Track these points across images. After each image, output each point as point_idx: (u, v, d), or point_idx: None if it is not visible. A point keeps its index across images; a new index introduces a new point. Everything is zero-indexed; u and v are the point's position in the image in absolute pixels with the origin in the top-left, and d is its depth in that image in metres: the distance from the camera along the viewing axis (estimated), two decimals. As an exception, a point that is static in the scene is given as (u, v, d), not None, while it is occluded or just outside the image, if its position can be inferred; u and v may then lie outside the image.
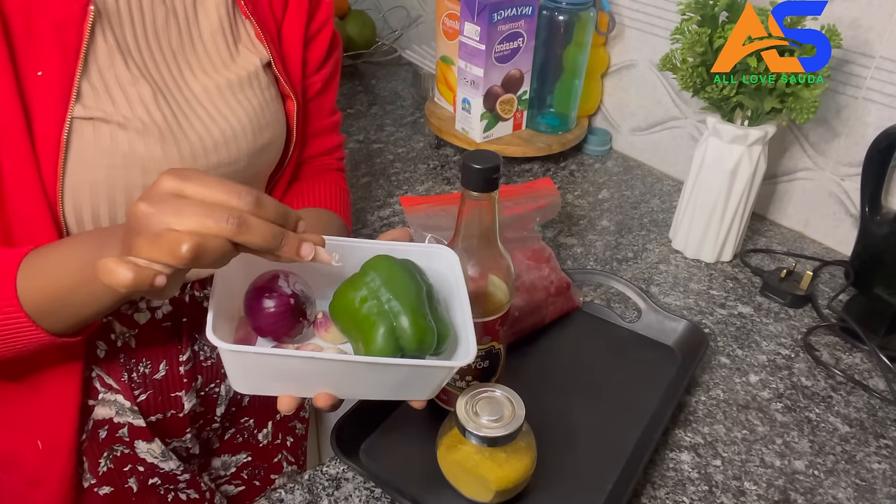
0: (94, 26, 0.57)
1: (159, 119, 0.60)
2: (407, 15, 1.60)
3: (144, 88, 0.60)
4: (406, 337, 0.50)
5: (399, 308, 0.51)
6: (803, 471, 0.66)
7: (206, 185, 0.44)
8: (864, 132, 0.89)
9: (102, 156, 0.58)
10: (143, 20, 0.61)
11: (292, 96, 0.72)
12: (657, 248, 0.97)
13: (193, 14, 0.65)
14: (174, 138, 0.61)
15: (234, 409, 0.80)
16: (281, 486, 0.62)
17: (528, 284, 0.76)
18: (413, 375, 0.52)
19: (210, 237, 0.42)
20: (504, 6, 1.00)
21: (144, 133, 0.59)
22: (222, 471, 0.83)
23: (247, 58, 0.68)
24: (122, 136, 0.58)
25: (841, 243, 0.97)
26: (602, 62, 1.17)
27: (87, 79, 0.57)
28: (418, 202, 0.80)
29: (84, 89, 0.57)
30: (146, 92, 0.60)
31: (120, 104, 0.58)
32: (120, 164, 0.59)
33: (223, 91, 0.65)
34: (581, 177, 1.15)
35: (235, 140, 0.66)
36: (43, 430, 0.66)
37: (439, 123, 1.18)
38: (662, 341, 0.79)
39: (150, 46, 0.62)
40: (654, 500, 0.62)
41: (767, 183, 1.02)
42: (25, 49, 0.54)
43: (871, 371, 0.77)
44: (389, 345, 0.50)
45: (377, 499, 0.61)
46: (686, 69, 0.81)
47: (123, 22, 0.60)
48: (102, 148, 0.58)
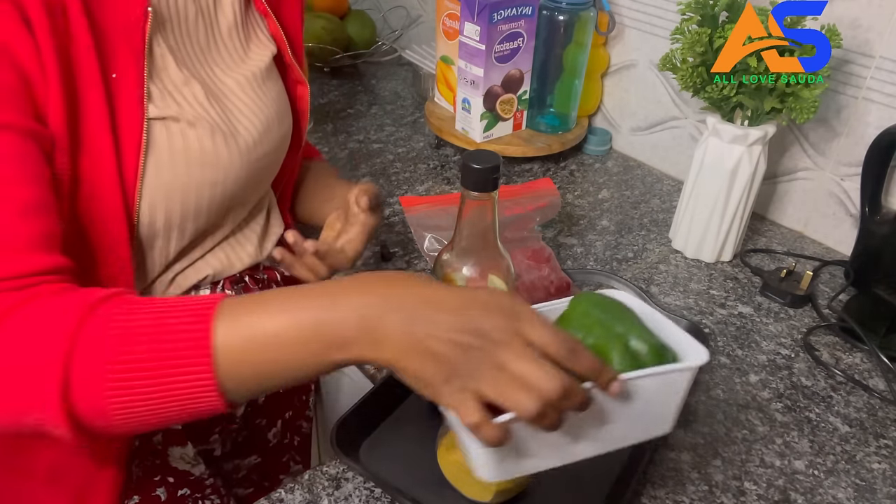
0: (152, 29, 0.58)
1: (215, 116, 0.62)
2: (407, 15, 1.60)
3: (196, 87, 0.62)
4: (643, 354, 0.49)
5: (624, 330, 0.50)
6: (803, 471, 0.66)
7: (548, 336, 0.44)
8: (864, 132, 0.89)
9: (177, 155, 0.59)
10: (181, 20, 0.62)
11: (305, 81, 0.75)
12: (657, 248, 0.97)
13: (214, 11, 0.66)
14: (231, 134, 0.64)
15: (250, 409, 0.80)
16: (281, 486, 0.62)
17: (528, 284, 0.76)
18: (662, 389, 0.49)
19: (550, 408, 0.43)
20: (504, 6, 1.00)
21: (210, 131, 0.61)
22: (234, 474, 0.83)
23: (258, 51, 0.70)
24: (191, 135, 0.60)
25: (841, 243, 0.97)
26: (602, 62, 1.17)
27: (151, 80, 0.58)
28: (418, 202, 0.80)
29: (152, 90, 0.58)
30: (199, 90, 0.62)
31: (181, 103, 0.60)
32: (192, 162, 0.60)
33: (252, 84, 0.68)
34: (581, 177, 1.15)
35: (270, 131, 0.69)
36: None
37: (439, 123, 1.18)
38: (662, 341, 0.79)
39: (188, 45, 0.63)
40: (654, 500, 0.62)
41: (767, 183, 1.02)
42: (100, 52, 0.55)
43: (871, 371, 0.77)
44: (629, 364, 0.49)
45: (377, 499, 0.61)
46: (686, 69, 0.81)
47: (171, 22, 0.61)
48: (177, 147, 0.59)
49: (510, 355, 0.43)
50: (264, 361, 0.44)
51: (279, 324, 0.44)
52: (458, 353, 0.43)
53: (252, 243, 0.75)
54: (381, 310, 0.44)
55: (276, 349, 0.44)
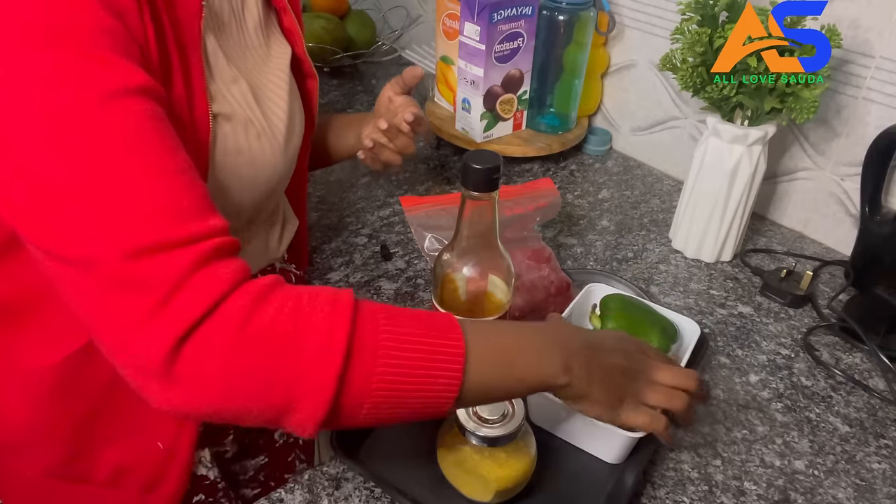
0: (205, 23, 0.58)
1: (259, 114, 0.63)
2: (407, 15, 1.60)
3: (244, 86, 0.62)
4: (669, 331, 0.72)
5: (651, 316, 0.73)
6: (803, 471, 0.66)
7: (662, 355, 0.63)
8: (864, 132, 0.89)
9: (235, 153, 0.59)
10: (222, 18, 0.62)
11: (315, 75, 0.76)
12: (657, 248, 0.97)
13: (242, 10, 0.66)
14: (272, 133, 0.64)
15: None
16: (281, 486, 0.62)
17: (528, 284, 0.76)
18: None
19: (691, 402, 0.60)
20: (504, 6, 1.00)
21: (256, 133, 0.62)
22: (241, 475, 0.83)
23: (279, 49, 0.70)
24: (242, 133, 0.60)
25: (841, 243, 0.97)
26: (602, 62, 1.17)
27: (212, 79, 0.58)
28: (418, 202, 0.80)
29: (210, 86, 0.57)
30: (246, 89, 0.62)
31: (232, 101, 0.60)
32: (246, 160, 0.60)
33: (280, 82, 0.68)
34: (581, 177, 1.15)
35: (295, 127, 0.70)
36: (162, 431, 0.64)
37: (439, 123, 1.18)
38: (662, 341, 0.79)
39: (229, 43, 0.63)
40: (654, 500, 0.62)
41: (767, 183, 1.02)
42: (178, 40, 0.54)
43: (871, 371, 0.77)
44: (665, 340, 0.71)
45: (377, 499, 0.61)
46: (686, 69, 0.81)
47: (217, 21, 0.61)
48: (234, 144, 0.59)
49: (656, 372, 0.59)
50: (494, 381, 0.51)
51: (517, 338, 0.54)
52: (626, 379, 0.57)
53: (269, 243, 0.75)
54: (572, 359, 0.54)
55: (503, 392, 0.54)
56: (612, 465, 0.64)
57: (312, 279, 0.87)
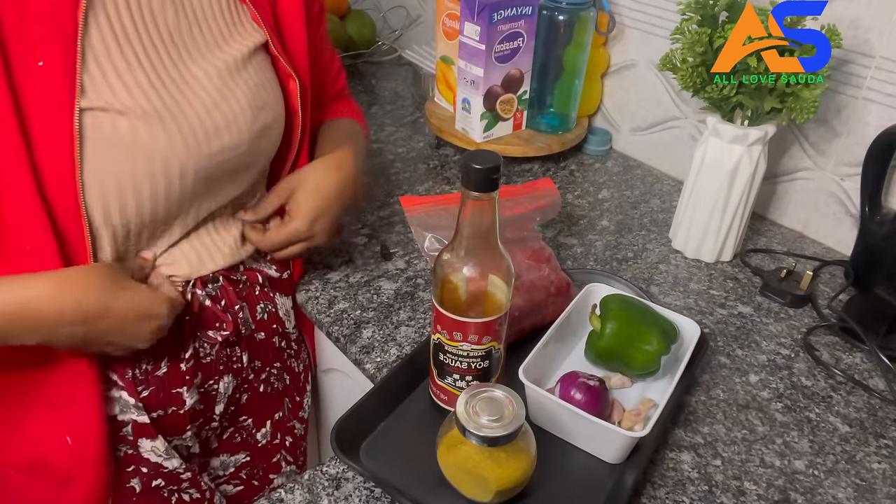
0: (88, 13, 0.57)
1: (159, 105, 0.60)
2: (407, 15, 1.60)
3: (140, 75, 0.60)
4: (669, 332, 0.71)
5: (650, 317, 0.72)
6: (803, 471, 0.66)
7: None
8: (864, 132, 0.89)
9: (111, 146, 0.58)
10: (140, 4, 0.61)
11: (294, 76, 0.72)
12: (657, 248, 0.97)
13: None
14: (176, 124, 0.61)
15: (232, 407, 0.80)
16: (281, 486, 0.62)
17: (528, 284, 0.76)
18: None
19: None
20: (504, 6, 1.00)
21: (146, 120, 0.59)
22: (221, 471, 0.83)
23: (243, 39, 0.68)
24: (123, 125, 0.58)
25: (841, 243, 0.97)
26: (602, 62, 1.17)
27: (86, 68, 0.57)
28: (418, 202, 0.79)
29: (84, 79, 0.57)
30: (142, 78, 0.60)
31: (119, 92, 0.58)
32: (128, 154, 0.59)
33: (222, 73, 0.65)
34: (581, 177, 1.15)
35: (236, 123, 0.66)
36: (70, 426, 0.65)
37: (439, 123, 1.18)
38: (662, 341, 0.79)
39: (148, 30, 0.61)
40: (654, 500, 0.62)
41: (767, 183, 1.02)
42: (19, 38, 0.54)
43: (871, 371, 0.77)
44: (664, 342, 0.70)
45: (377, 499, 0.61)
46: (686, 69, 0.81)
47: (119, 7, 0.59)
48: (108, 138, 0.58)
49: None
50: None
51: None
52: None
53: (228, 243, 0.74)
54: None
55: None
56: (611, 465, 0.64)
57: (312, 279, 0.87)
